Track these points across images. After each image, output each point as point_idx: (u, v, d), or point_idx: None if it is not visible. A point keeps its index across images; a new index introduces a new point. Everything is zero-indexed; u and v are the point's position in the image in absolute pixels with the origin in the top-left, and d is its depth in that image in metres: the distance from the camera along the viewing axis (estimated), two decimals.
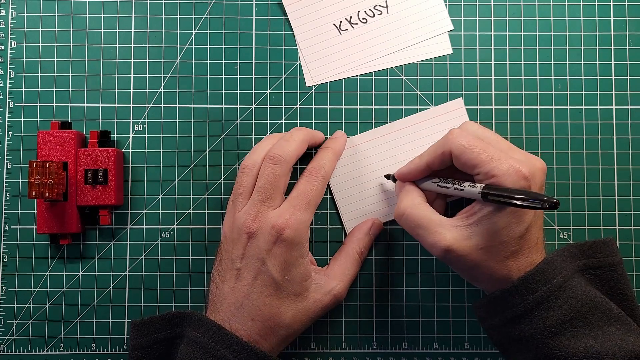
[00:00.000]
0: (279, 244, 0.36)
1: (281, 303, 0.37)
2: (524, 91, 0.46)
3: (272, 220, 0.37)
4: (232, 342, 0.35)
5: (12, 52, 0.45)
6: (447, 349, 0.44)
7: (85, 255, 0.45)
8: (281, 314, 0.37)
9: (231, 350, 0.35)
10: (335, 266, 0.41)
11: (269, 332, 0.36)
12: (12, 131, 0.45)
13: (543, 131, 0.45)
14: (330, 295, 0.39)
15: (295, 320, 0.37)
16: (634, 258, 0.45)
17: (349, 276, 0.41)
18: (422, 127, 0.45)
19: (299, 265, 0.37)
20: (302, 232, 0.37)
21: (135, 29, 0.46)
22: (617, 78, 0.46)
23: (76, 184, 0.43)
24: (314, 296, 0.38)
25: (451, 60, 0.46)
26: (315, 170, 0.39)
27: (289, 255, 0.36)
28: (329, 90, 0.46)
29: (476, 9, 0.46)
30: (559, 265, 0.36)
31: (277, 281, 0.36)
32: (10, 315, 0.44)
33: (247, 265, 0.37)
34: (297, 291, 0.37)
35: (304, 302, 0.38)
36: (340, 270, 0.41)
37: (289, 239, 0.36)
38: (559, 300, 0.35)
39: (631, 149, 0.45)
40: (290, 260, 0.37)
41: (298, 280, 0.37)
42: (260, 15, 0.46)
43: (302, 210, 0.37)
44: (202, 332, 0.36)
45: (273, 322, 0.36)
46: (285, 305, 0.37)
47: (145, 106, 0.45)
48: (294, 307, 0.37)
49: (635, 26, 0.46)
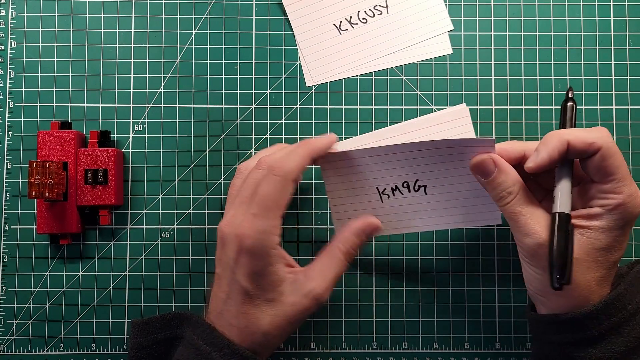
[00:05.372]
0: (242, 254, 0.35)
1: (256, 310, 0.35)
2: (524, 91, 0.46)
3: (235, 229, 0.35)
4: (223, 345, 0.34)
5: (12, 52, 0.45)
6: (447, 349, 0.44)
7: (85, 255, 0.45)
8: (257, 320, 0.35)
9: (222, 353, 0.34)
10: (316, 266, 0.38)
11: (248, 338, 0.35)
12: (12, 131, 0.45)
13: (543, 131, 0.45)
14: (309, 297, 0.36)
15: (274, 326, 0.35)
16: (634, 258, 0.45)
17: (330, 276, 0.37)
18: (425, 132, 0.45)
19: (268, 274, 0.35)
20: (265, 241, 0.35)
21: (135, 29, 0.46)
22: (617, 78, 0.46)
23: (76, 184, 0.43)
24: (292, 300, 0.36)
25: (451, 60, 0.46)
26: (275, 168, 0.36)
27: (255, 265, 0.35)
28: (329, 90, 0.46)
29: (476, 9, 0.46)
30: (635, 290, 0.35)
31: (247, 290, 0.35)
32: (10, 315, 0.44)
33: (223, 272, 0.36)
34: (271, 297, 0.35)
35: (281, 306, 0.36)
36: (320, 269, 0.38)
37: (250, 250, 0.34)
38: (628, 326, 0.34)
39: (631, 149, 0.45)
40: (257, 269, 0.35)
41: (270, 287, 0.35)
42: (260, 15, 0.46)
43: (261, 217, 0.35)
44: (197, 333, 0.36)
45: (250, 330, 0.35)
46: (260, 312, 0.35)
47: (145, 106, 0.45)
48: (271, 313, 0.35)
49: (635, 26, 0.46)
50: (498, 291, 0.45)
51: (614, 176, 0.33)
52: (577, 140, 0.34)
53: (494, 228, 0.45)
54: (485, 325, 0.44)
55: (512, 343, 0.44)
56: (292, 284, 0.36)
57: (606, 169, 0.33)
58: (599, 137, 0.33)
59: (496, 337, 0.44)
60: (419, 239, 0.45)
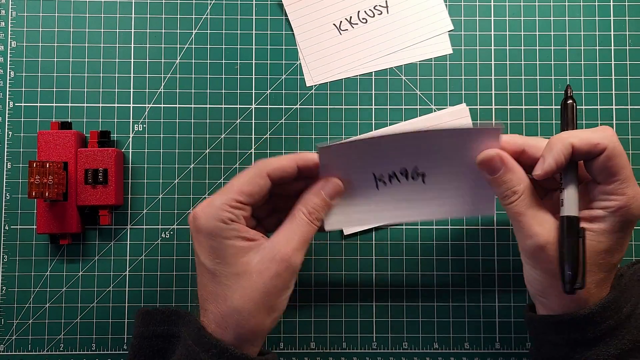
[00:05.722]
0: (199, 235, 0.35)
1: (223, 288, 0.35)
2: (524, 91, 0.46)
3: (191, 215, 0.35)
4: (211, 346, 0.34)
5: (12, 52, 0.45)
6: (447, 349, 0.44)
7: (85, 255, 0.45)
8: (227, 298, 0.34)
9: (210, 354, 0.34)
10: (279, 231, 0.36)
11: (222, 320, 0.34)
12: (12, 131, 0.45)
13: (543, 131, 0.45)
14: (276, 261, 0.35)
15: (245, 299, 0.34)
16: (634, 258, 0.45)
17: (295, 238, 0.36)
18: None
19: (226, 247, 0.34)
20: (214, 216, 0.34)
21: (135, 29, 0.46)
22: (617, 78, 0.46)
23: (76, 184, 0.43)
24: (259, 268, 0.34)
25: (451, 60, 0.46)
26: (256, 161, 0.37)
27: (211, 241, 0.34)
28: (329, 90, 0.46)
29: (476, 9, 0.46)
30: (630, 292, 0.35)
31: (210, 269, 0.35)
32: (10, 315, 0.44)
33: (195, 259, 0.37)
34: (237, 271, 0.34)
35: (248, 277, 0.34)
36: (283, 233, 0.36)
37: (203, 228, 0.34)
38: (624, 329, 0.34)
39: (631, 149, 0.45)
40: (214, 244, 0.34)
41: (233, 261, 0.34)
42: (260, 15, 0.46)
43: (214, 198, 0.35)
44: (189, 332, 0.35)
45: (222, 310, 0.34)
46: (228, 289, 0.34)
47: (145, 106, 0.45)
48: (239, 287, 0.34)
49: (635, 26, 0.46)
50: (498, 291, 0.45)
51: (617, 177, 0.33)
52: (581, 142, 0.33)
53: (494, 228, 0.45)
54: (485, 325, 0.44)
55: (512, 343, 0.44)
56: (257, 253, 0.35)
57: (610, 170, 0.33)
58: (603, 137, 0.33)
59: (496, 337, 0.44)
60: (419, 239, 0.45)
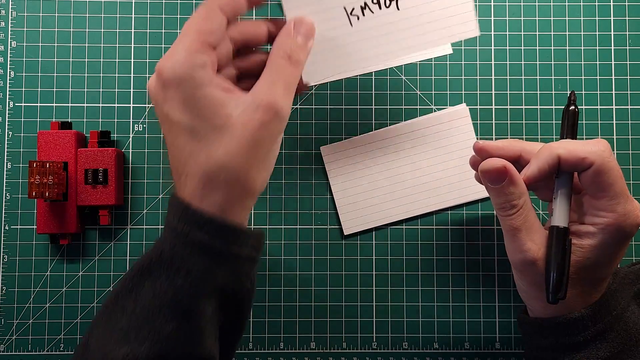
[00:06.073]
0: (167, 89, 0.31)
1: (205, 145, 0.31)
2: (524, 91, 0.46)
3: (154, 73, 0.32)
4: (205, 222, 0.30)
5: (12, 52, 0.45)
6: (447, 349, 0.44)
7: (85, 255, 0.45)
8: (211, 155, 0.31)
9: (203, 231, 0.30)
10: (260, 80, 0.33)
11: (208, 181, 0.31)
12: (12, 131, 0.45)
13: (543, 131, 0.45)
14: (261, 109, 0.31)
15: (231, 154, 0.31)
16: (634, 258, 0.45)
17: (279, 83, 0.32)
18: (425, 132, 0.45)
19: (201, 97, 0.31)
20: (179, 61, 0.31)
21: (135, 29, 0.46)
22: (617, 78, 0.46)
23: (76, 184, 0.43)
24: (242, 120, 0.31)
25: (451, 60, 0.46)
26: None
27: (183, 92, 0.31)
28: (329, 90, 0.46)
29: (476, 9, 0.46)
30: (620, 295, 0.35)
31: (187, 126, 0.31)
32: (10, 315, 0.44)
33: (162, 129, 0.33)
34: (218, 124, 0.31)
35: (232, 130, 0.31)
36: (264, 80, 0.32)
37: (171, 79, 0.31)
38: (613, 332, 0.34)
39: (631, 149, 0.45)
40: (186, 96, 0.31)
41: (211, 112, 0.31)
42: (260, 16, 0.46)
43: (175, 45, 0.31)
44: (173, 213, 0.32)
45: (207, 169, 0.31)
46: (211, 144, 0.31)
47: (145, 106, 0.45)
48: (223, 142, 0.31)
49: (635, 26, 0.46)
50: (498, 291, 0.45)
51: (606, 193, 0.33)
52: (568, 154, 0.33)
53: (494, 228, 0.45)
54: (485, 325, 0.44)
55: (512, 343, 0.44)
56: (238, 105, 0.31)
57: (599, 185, 0.33)
58: (592, 152, 0.32)
59: (496, 337, 0.44)
60: (419, 239, 0.45)
